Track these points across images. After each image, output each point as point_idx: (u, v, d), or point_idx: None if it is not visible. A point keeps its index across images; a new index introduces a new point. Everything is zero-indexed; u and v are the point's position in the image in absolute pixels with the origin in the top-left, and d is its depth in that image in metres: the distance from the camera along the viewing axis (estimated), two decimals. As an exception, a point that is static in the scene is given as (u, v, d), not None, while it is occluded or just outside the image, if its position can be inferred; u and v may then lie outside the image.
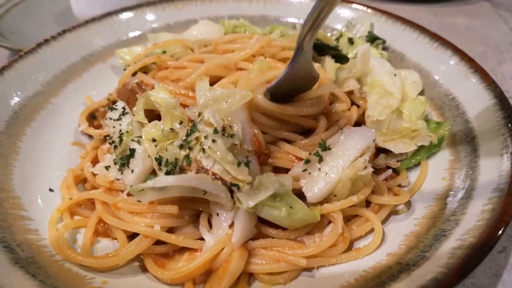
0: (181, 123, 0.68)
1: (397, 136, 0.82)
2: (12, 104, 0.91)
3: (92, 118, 0.96)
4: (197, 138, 0.63)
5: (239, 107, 0.66)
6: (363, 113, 0.87)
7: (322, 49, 0.82)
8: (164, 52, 1.01)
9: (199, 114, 0.65)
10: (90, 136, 0.95)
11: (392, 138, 0.82)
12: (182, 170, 0.64)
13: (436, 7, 1.61)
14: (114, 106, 0.82)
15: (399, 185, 0.80)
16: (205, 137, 0.61)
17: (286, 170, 0.74)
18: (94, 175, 0.80)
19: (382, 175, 0.78)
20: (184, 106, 0.72)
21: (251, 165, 0.63)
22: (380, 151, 0.82)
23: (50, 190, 0.82)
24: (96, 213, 0.73)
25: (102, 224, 0.74)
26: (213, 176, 0.61)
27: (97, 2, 1.33)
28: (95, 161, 0.88)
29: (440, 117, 0.89)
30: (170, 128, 0.67)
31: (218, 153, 0.60)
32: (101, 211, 0.72)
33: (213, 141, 0.61)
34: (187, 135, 0.65)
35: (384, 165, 0.81)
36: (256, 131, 0.68)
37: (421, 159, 0.82)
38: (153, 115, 0.76)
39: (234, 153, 0.62)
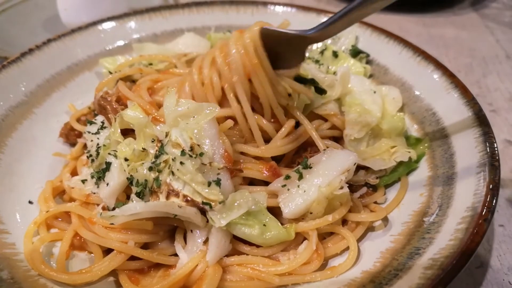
0: (153, 141, 0.68)
1: (376, 153, 0.82)
2: (-6, 113, 0.91)
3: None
4: (165, 161, 0.63)
5: (208, 122, 0.66)
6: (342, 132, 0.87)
7: (301, 81, 0.82)
8: (151, 64, 1.02)
9: (167, 134, 0.65)
10: (72, 145, 0.95)
11: (371, 155, 0.82)
12: (153, 192, 0.64)
13: (425, 17, 1.62)
14: (93, 120, 0.82)
15: (376, 202, 0.80)
16: (173, 159, 0.61)
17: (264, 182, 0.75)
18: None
19: (357, 192, 0.79)
20: (157, 122, 0.72)
21: (222, 183, 0.63)
22: (359, 167, 0.82)
23: (30, 202, 0.82)
24: (72, 227, 0.73)
25: (78, 238, 0.74)
26: (184, 198, 0.61)
27: (85, 10, 1.33)
28: (75, 172, 0.88)
29: (421, 132, 0.89)
30: (142, 148, 0.66)
31: (187, 175, 0.60)
32: (77, 225, 0.72)
33: (181, 163, 0.61)
34: (156, 157, 0.65)
35: (364, 181, 0.82)
36: (227, 145, 0.68)
37: (400, 175, 0.83)
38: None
39: (204, 172, 0.62)
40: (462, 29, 1.55)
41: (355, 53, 1.06)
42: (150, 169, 0.64)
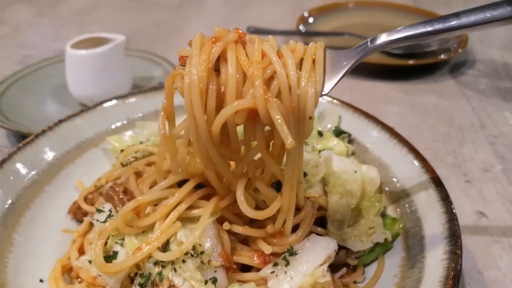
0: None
1: (356, 234, 0.91)
2: (9, 195, 1.00)
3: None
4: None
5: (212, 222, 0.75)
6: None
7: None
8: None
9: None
10: (80, 222, 1.04)
11: (351, 236, 0.91)
12: (154, 285, 0.73)
13: (407, 84, 1.74)
14: (101, 208, 0.92)
15: (355, 282, 0.89)
16: (177, 257, 0.70)
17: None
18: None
19: (338, 273, 0.87)
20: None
21: (218, 280, 0.72)
22: (340, 247, 0.91)
23: (41, 281, 0.90)
24: (80, 308, 0.81)
25: (85, 318, 0.82)
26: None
27: (92, 84, 1.45)
28: (82, 249, 0.97)
29: (396, 212, 0.99)
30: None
31: (187, 272, 0.69)
32: (84, 305, 0.80)
33: (183, 261, 0.70)
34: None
35: (344, 261, 0.91)
36: (226, 243, 0.78)
37: (377, 254, 0.92)
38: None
39: (203, 270, 0.71)
40: (441, 97, 1.67)
41: (338, 133, 1.17)
42: (155, 263, 0.73)
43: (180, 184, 0.84)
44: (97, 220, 0.89)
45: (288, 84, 0.67)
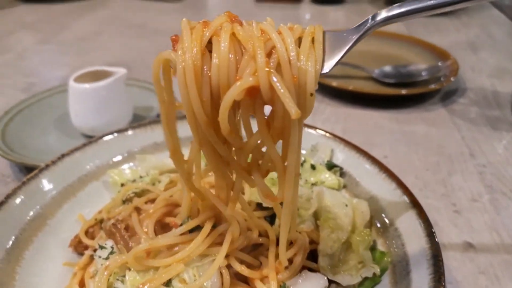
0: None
1: (346, 268, 0.95)
2: (13, 229, 1.04)
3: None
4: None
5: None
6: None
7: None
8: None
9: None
10: (81, 254, 1.08)
11: (341, 270, 0.95)
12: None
13: (399, 113, 1.80)
14: (104, 244, 0.96)
15: (345, 316, 0.93)
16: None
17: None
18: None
19: (327, 308, 0.91)
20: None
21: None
22: (330, 281, 0.95)
23: (43, 313, 0.94)
24: None
25: None
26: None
27: (93, 116, 1.50)
28: (82, 282, 1.00)
29: (385, 245, 1.03)
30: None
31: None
32: None
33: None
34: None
35: (335, 295, 0.94)
36: (225, 281, 0.82)
37: (366, 288, 0.96)
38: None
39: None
40: (432, 126, 1.72)
41: (330, 166, 1.21)
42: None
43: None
44: (100, 257, 0.92)
45: (288, 57, 0.66)
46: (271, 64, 0.66)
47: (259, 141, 0.75)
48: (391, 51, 2.24)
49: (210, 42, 0.69)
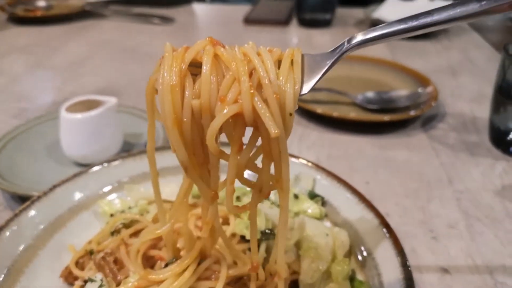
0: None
1: (325, 298, 1.00)
2: (6, 260, 1.07)
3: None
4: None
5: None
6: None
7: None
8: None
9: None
10: (71, 285, 1.12)
11: (321, 300, 1.00)
12: None
13: (381, 139, 1.86)
14: (93, 277, 1.00)
15: None
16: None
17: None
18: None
19: (308, 338, 0.96)
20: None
21: None
22: (310, 311, 0.99)
23: None
24: None
25: None
26: None
27: (84, 145, 1.55)
28: (73, 313, 1.04)
29: (364, 275, 1.08)
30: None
31: None
32: None
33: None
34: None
35: (314, 324, 0.99)
36: None
37: (345, 317, 1.01)
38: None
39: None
40: (413, 151, 1.78)
41: (312, 195, 1.27)
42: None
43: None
44: (89, 290, 0.97)
45: (268, 77, 0.70)
46: (252, 84, 0.71)
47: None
48: (374, 76, 2.32)
49: (197, 67, 0.73)
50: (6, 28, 3.29)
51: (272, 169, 0.80)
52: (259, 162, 0.81)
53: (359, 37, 0.79)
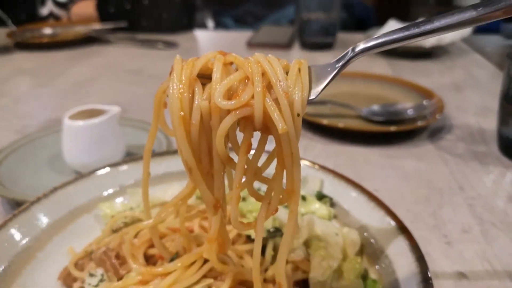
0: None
1: (337, 296, 0.95)
2: (2, 261, 1.03)
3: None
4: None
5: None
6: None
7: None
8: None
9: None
10: (70, 287, 1.06)
11: (332, 299, 0.94)
12: None
13: (389, 149, 1.83)
14: (93, 272, 0.95)
15: None
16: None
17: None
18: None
19: (320, 336, 0.90)
20: None
21: None
22: (322, 309, 0.94)
23: None
24: None
25: None
26: None
27: (86, 154, 1.52)
28: (71, 315, 0.99)
29: (376, 273, 1.03)
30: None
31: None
32: None
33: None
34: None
35: (326, 323, 0.93)
36: None
37: (358, 316, 0.95)
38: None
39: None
40: (421, 161, 1.75)
41: (320, 196, 1.23)
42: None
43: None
44: (89, 284, 0.92)
45: (278, 77, 0.72)
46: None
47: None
48: (378, 92, 2.31)
49: (206, 78, 0.74)
50: (11, 52, 3.33)
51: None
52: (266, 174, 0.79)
53: (362, 45, 0.81)
